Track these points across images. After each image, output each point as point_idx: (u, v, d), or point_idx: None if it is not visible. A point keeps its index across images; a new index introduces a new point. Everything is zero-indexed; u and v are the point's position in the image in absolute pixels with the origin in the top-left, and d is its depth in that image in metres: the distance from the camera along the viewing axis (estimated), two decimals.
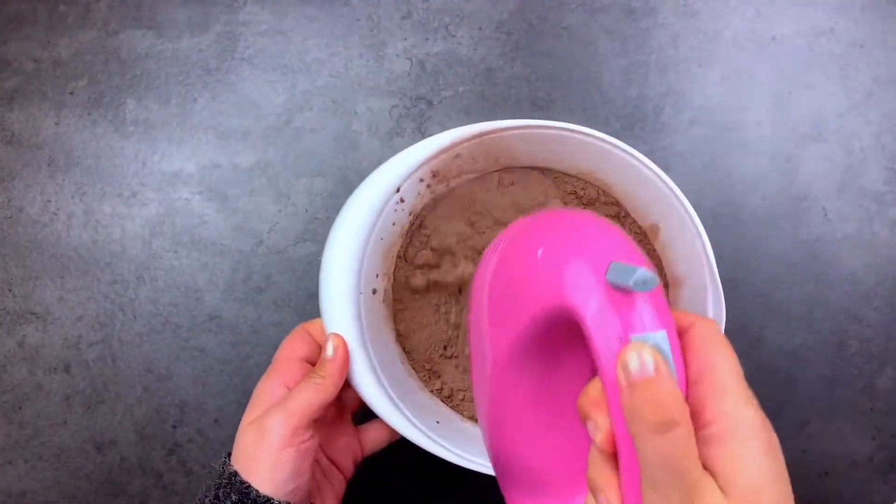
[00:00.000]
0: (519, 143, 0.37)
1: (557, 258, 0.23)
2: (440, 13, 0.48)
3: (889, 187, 0.47)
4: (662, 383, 0.19)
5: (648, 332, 0.20)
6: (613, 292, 0.20)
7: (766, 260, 0.46)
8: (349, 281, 0.34)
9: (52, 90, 0.48)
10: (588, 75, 0.47)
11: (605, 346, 0.20)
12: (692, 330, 0.21)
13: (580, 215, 0.25)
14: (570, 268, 0.22)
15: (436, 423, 0.36)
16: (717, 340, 0.21)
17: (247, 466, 0.31)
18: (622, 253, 0.22)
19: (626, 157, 0.35)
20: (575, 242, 0.23)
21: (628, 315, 0.20)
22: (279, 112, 0.47)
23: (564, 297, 0.21)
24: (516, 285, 0.25)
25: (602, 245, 0.22)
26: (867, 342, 0.46)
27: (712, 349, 0.21)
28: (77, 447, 0.45)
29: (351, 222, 0.35)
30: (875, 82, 0.47)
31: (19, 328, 0.46)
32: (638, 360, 0.19)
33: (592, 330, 0.20)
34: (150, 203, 0.47)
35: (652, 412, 0.19)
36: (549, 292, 0.22)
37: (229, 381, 0.45)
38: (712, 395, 0.20)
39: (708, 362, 0.20)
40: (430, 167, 0.36)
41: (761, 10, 0.48)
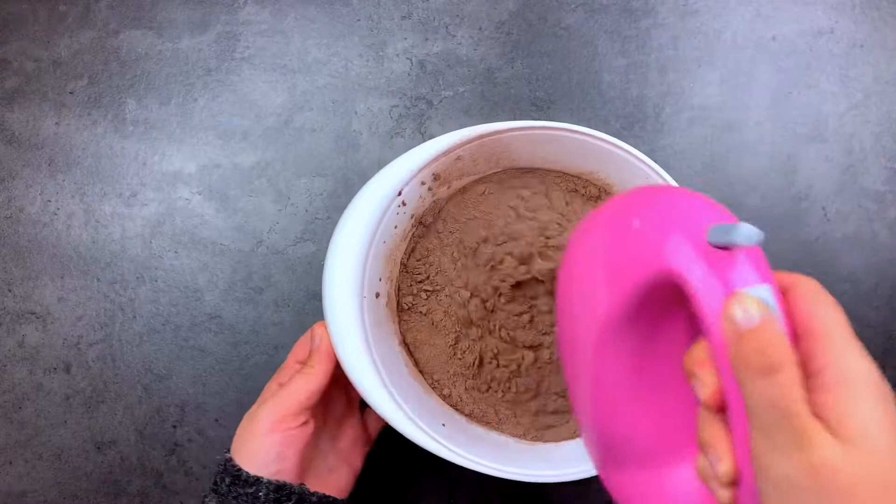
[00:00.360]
0: (520, 145, 0.37)
1: (655, 226, 0.23)
2: (440, 13, 0.48)
3: (889, 187, 0.47)
4: (768, 330, 0.19)
5: (751, 286, 0.20)
6: (714, 253, 0.21)
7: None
8: (352, 285, 0.34)
9: (52, 90, 0.48)
10: (588, 75, 0.47)
11: (710, 304, 0.20)
12: (796, 288, 0.21)
13: (668, 188, 0.26)
14: (669, 233, 0.22)
15: (441, 425, 0.36)
16: (822, 295, 0.21)
17: (237, 450, 0.33)
18: (716, 215, 0.22)
19: (627, 156, 0.35)
20: (670, 209, 0.23)
21: (731, 272, 0.20)
22: (279, 112, 0.47)
23: (666, 262, 0.22)
24: (613, 259, 0.25)
25: (694, 209, 0.23)
26: (867, 342, 0.46)
27: (820, 304, 0.21)
28: (77, 447, 0.45)
29: (353, 226, 0.35)
30: (875, 82, 0.47)
31: (19, 328, 0.46)
32: (743, 311, 0.19)
33: (697, 290, 0.21)
34: (150, 203, 0.47)
35: (758, 357, 0.19)
36: (649, 260, 0.23)
37: (229, 381, 0.45)
38: (822, 346, 0.20)
39: (815, 315, 0.20)
40: (432, 170, 0.36)
41: (761, 10, 0.48)
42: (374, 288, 0.36)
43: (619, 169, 0.37)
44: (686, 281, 0.21)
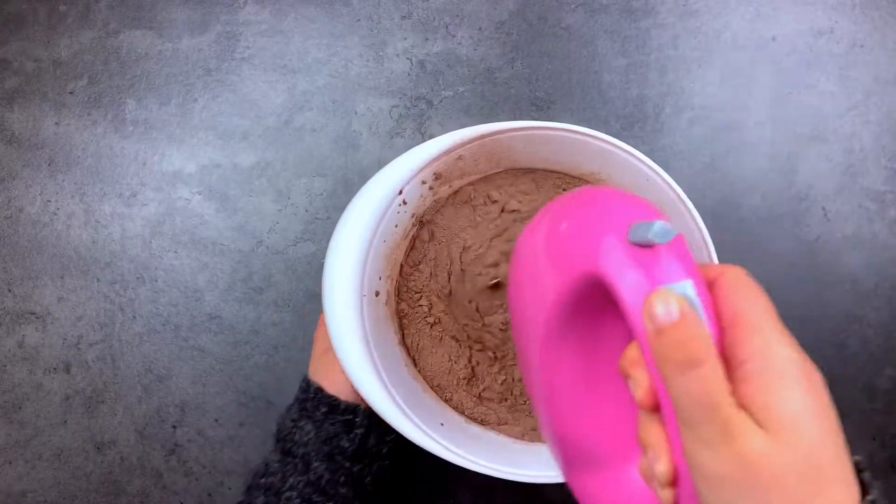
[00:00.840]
0: (521, 145, 0.37)
1: (580, 228, 0.24)
2: (440, 13, 0.48)
3: (889, 187, 0.47)
4: (687, 325, 0.19)
5: (674, 282, 0.20)
6: (637, 251, 0.21)
7: (766, 260, 0.46)
8: (352, 283, 0.34)
9: (52, 90, 0.48)
10: (588, 75, 0.47)
11: (633, 302, 0.20)
12: (721, 278, 0.21)
13: (598, 189, 0.26)
14: (592, 234, 0.23)
15: (440, 424, 0.36)
16: (747, 285, 0.21)
17: (328, 383, 0.35)
18: (640, 214, 0.22)
19: (627, 156, 0.35)
20: (595, 211, 0.24)
21: (652, 269, 0.21)
22: (279, 112, 0.47)
23: (591, 263, 0.22)
24: (546, 262, 0.25)
25: (620, 209, 0.23)
26: (867, 342, 0.46)
27: (743, 293, 0.21)
28: (77, 447, 0.45)
29: (354, 224, 0.35)
30: (875, 82, 0.47)
31: (19, 328, 0.46)
32: (663, 307, 0.20)
33: (620, 289, 0.21)
34: (150, 203, 0.47)
35: (677, 352, 0.19)
36: (577, 262, 0.23)
37: (229, 381, 0.45)
38: (745, 336, 0.20)
39: (739, 306, 0.20)
40: (433, 169, 0.36)
41: (761, 10, 0.48)
42: (374, 286, 0.36)
43: (620, 169, 0.37)
44: (610, 281, 0.21)
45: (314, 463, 0.33)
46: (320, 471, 0.33)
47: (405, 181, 0.35)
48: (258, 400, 0.45)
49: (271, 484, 0.33)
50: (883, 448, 0.46)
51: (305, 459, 0.34)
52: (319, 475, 0.33)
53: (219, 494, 0.44)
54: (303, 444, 0.34)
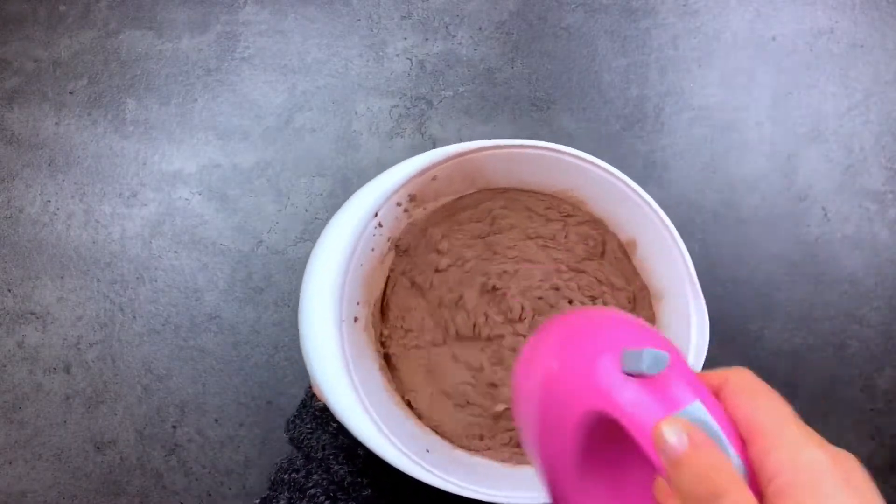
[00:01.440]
0: (495, 164, 0.36)
1: (571, 366, 0.23)
2: (440, 13, 0.48)
3: (889, 187, 0.47)
4: (702, 454, 0.18)
5: (681, 407, 0.19)
6: (634, 381, 0.20)
7: (766, 260, 0.46)
8: (330, 309, 0.33)
9: (52, 90, 0.48)
10: (588, 75, 0.47)
11: (645, 437, 0.19)
12: (727, 385, 0.20)
13: (581, 317, 0.25)
14: (586, 371, 0.22)
15: (425, 451, 0.34)
16: (754, 389, 0.20)
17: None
18: (630, 338, 0.22)
19: (602, 173, 0.35)
20: (582, 343, 0.23)
21: (655, 399, 0.20)
22: (279, 112, 0.47)
23: (591, 401, 0.21)
24: (546, 405, 0.24)
25: (608, 337, 0.22)
26: (867, 342, 0.46)
27: (753, 398, 0.20)
28: (77, 447, 0.45)
29: (330, 249, 0.34)
30: (875, 82, 0.47)
31: (19, 328, 0.46)
32: (672, 437, 0.19)
33: (628, 426, 0.20)
34: (150, 203, 0.47)
35: (697, 486, 0.18)
36: (576, 402, 0.22)
37: (229, 381, 0.45)
38: (768, 447, 0.19)
39: (753, 414, 0.19)
40: (408, 190, 0.36)
41: (761, 10, 0.48)
42: (353, 312, 0.35)
43: (597, 186, 0.36)
44: (616, 417, 0.20)
45: (334, 466, 0.34)
46: (342, 473, 0.33)
47: (380, 203, 0.35)
48: (258, 400, 0.45)
49: (295, 480, 0.33)
50: (883, 448, 0.46)
51: (326, 463, 0.34)
52: (342, 477, 0.33)
53: (219, 494, 0.44)
54: (321, 447, 0.34)
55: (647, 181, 0.47)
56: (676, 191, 0.46)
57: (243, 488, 0.44)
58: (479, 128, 0.47)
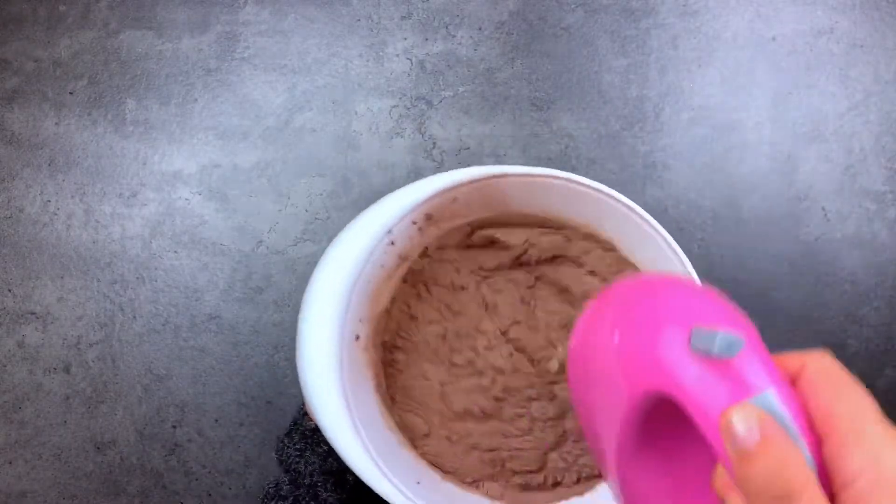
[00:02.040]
0: (518, 191, 0.35)
1: (634, 339, 0.21)
2: (440, 13, 0.48)
3: (889, 187, 0.47)
4: (774, 449, 0.17)
5: (752, 393, 0.18)
6: (703, 361, 0.18)
7: (766, 260, 0.46)
8: (334, 326, 0.32)
9: (52, 90, 0.48)
10: (588, 75, 0.47)
11: (710, 424, 0.18)
12: (804, 372, 0.19)
13: (650, 282, 0.23)
14: (649, 346, 0.20)
15: (416, 483, 0.33)
16: (836, 377, 0.18)
17: None
18: (702, 312, 0.20)
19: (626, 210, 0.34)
20: (648, 314, 0.21)
21: (725, 383, 0.18)
22: (279, 112, 0.47)
23: (653, 380, 0.20)
24: (605, 379, 0.22)
25: (677, 309, 0.20)
26: (867, 342, 0.46)
27: (834, 388, 0.18)
28: (77, 447, 0.45)
29: (340, 263, 0.33)
30: (875, 82, 0.47)
31: (19, 328, 0.46)
32: (742, 426, 0.17)
33: (692, 411, 0.18)
34: (150, 203, 0.47)
35: (767, 484, 0.16)
36: (638, 379, 0.21)
37: (229, 381, 0.45)
38: (847, 445, 0.17)
39: (833, 406, 0.18)
40: (425, 209, 0.34)
41: (761, 10, 0.48)
42: (355, 330, 0.34)
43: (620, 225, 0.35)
44: (679, 400, 0.19)
45: (322, 493, 0.33)
46: (330, 501, 0.33)
47: (396, 221, 0.33)
48: (258, 400, 0.45)
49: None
50: None
51: (314, 490, 0.33)
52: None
53: (219, 494, 0.44)
54: (308, 474, 0.33)
55: (646, 181, 0.47)
56: (676, 191, 0.46)
57: (243, 488, 0.44)
58: (479, 128, 0.47)
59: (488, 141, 0.47)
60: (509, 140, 0.47)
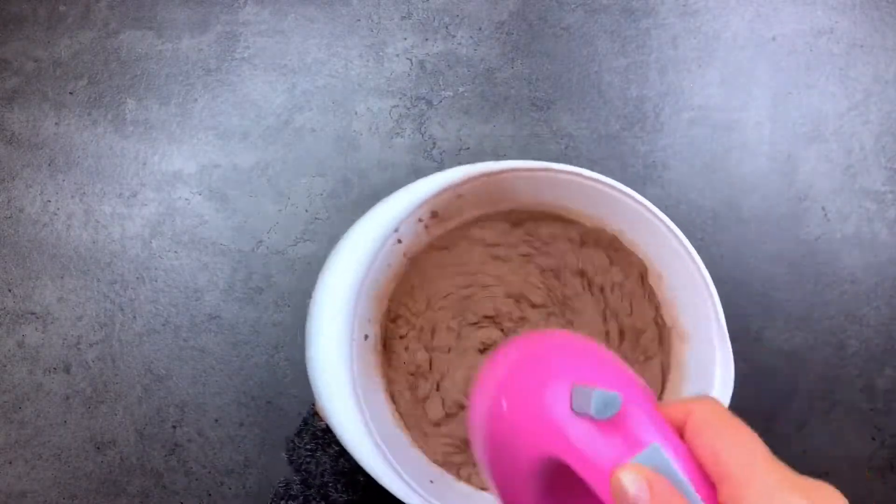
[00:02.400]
0: (523, 185, 0.34)
1: (521, 406, 0.21)
2: (440, 13, 0.48)
3: (889, 187, 0.47)
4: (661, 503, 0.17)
5: (639, 450, 0.18)
6: (586, 422, 0.18)
7: (766, 260, 0.46)
8: (344, 325, 0.32)
9: (52, 90, 0.48)
10: (588, 75, 0.47)
11: (602, 485, 0.18)
12: (691, 420, 0.19)
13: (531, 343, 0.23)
14: (536, 413, 0.20)
15: (429, 481, 0.33)
16: (720, 421, 0.18)
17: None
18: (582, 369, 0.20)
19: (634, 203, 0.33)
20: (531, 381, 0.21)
21: (610, 442, 0.18)
22: (279, 112, 0.47)
23: (544, 446, 0.20)
24: (501, 442, 0.22)
25: (559, 373, 0.20)
26: (867, 342, 0.46)
27: (718, 438, 0.18)
28: (77, 447, 0.45)
29: (347, 262, 0.33)
30: (875, 82, 0.47)
31: (19, 328, 0.46)
32: (631, 486, 0.17)
33: (583, 473, 0.18)
34: (150, 203, 0.47)
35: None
36: (529, 444, 0.21)
37: (229, 381, 0.45)
38: (738, 490, 0.17)
39: (722, 453, 0.18)
40: (431, 206, 0.34)
41: (761, 10, 0.48)
42: (364, 329, 0.34)
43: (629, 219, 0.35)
44: (570, 463, 0.19)
45: (333, 494, 0.33)
46: (341, 501, 0.33)
47: (403, 218, 0.33)
48: (258, 400, 0.45)
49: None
50: (883, 448, 0.46)
51: (324, 490, 0.33)
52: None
53: (219, 494, 0.44)
54: (319, 474, 0.33)
55: (646, 181, 0.47)
56: (676, 191, 0.46)
57: (243, 488, 0.44)
58: (479, 128, 0.47)
59: (488, 141, 0.47)
60: (509, 140, 0.47)
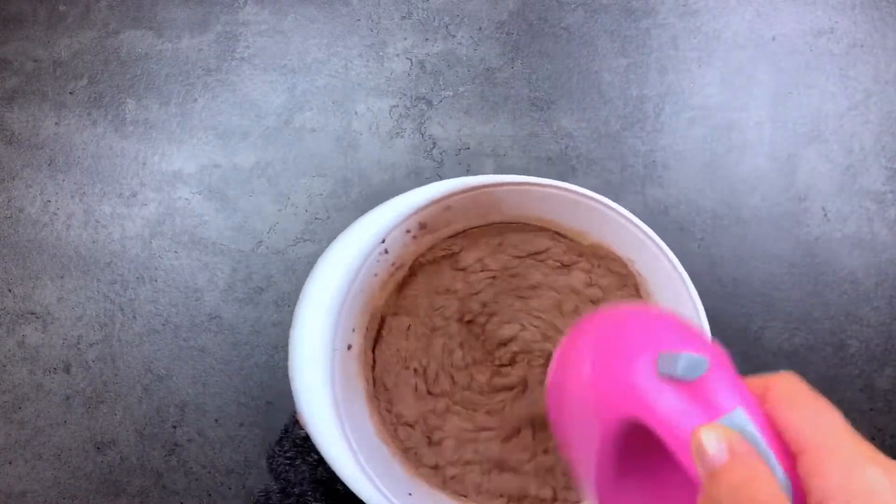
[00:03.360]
0: (511, 198, 0.35)
1: (604, 370, 0.22)
2: (440, 13, 0.48)
3: (889, 187, 0.47)
4: (740, 465, 0.17)
5: (721, 414, 0.18)
6: (671, 385, 0.19)
7: (766, 260, 0.46)
8: (325, 337, 0.32)
9: (52, 90, 0.48)
10: (588, 75, 0.47)
11: (681, 447, 0.18)
12: (771, 392, 0.19)
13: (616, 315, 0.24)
14: (620, 375, 0.21)
15: (408, 494, 0.32)
16: (803, 395, 0.18)
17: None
18: (667, 338, 0.21)
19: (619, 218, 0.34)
20: (616, 347, 0.22)
21: (693, 406, 0.18)
22: (279, 112, 0.47)
23: (626, 408, 0.20)
24: (581, 408, 0.23)
25: (644, 337, 0.21)
26: (867, 342, 0.46)
27: (800, 410, 0.18)
28: (77, 447, 0.45)
29: (332, 272, 0.33)
30: (875, 82, 0.47)
31: (19, 328, 0.46)
32: (711, 444, 0.17)
33: (663, 434, 0.19)
34: (150, 203, 0.47)
35: (734, 501, 0.16)
36: (610, 408, 0.21)
37: (229, 381, 0.45)
38: (819, 463, 0.17)
39: (802, 425, 0.18)
40: (419, 218, 0.34)
41: (761, 10, 0.48)
42: (347, 339, 0.34)
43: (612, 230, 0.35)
44: (651, 425, 0.19)
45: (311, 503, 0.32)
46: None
47: (389, 229, 0.33)
48: (258, 400, 0.45)
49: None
50: (883, 448, 0.45)
51: (302, 499, 0.32)
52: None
53: (219, 494, 0.44)
54: (298, 482, 0.33)
55: (646, 181, 0.47)
56: (676, 191, 0.46)
57: (243, 488, 0.44)
58: (479, 128, 0.47)
59: (488, 141, 0.47)
60: (509, 140, 0.47)
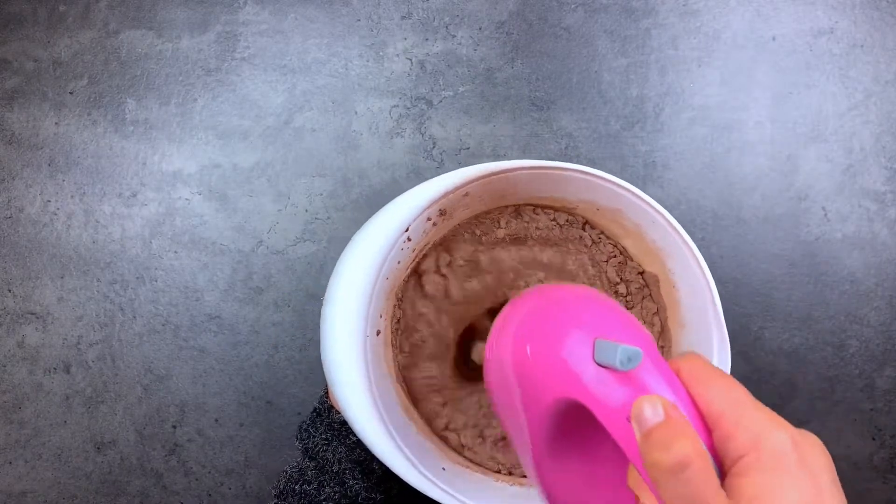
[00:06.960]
0: (527, 182, 0.36)
1: (544, 351, 0.23)
2: (440, 13, 0.48)
3: (889, 187, 0.47)
4: (672, 423, 0.19)
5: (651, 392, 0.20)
6: (605, 372, 0.21)
7: (766, 260, 0.46)
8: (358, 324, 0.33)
9: (52, 90, 0.48)
10: (588, 75, 0.47)
11: (616, 425, 0.20)
12: (682, 374, 0.21)
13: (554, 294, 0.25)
14: (558, 358, 0.22)
15: (441, 469, 0.34)
16: (708, 375, 0.21)
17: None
18: (605, 324, 0.22)
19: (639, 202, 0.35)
20: (555, 329, 0.23)
21: (627, 389, 0.20)
22: (279, 112, 0.47)
23: (564, 389, 0.21)
24: (519, 386, 0.24)
25: (583, 324, 0.22)
26: (867, 342, 0.46)
27: (708, 387, 0.20)
28: (77, 447, 0.45)
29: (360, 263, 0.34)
30: (875, 82, 0.47)
31: (19, 328, 0.46)
32: (650, 409, 0.19)
33: (599, 415, 0.20)
34: (150, 203, 0.47)
35: (665, 455, 0.19)
36: (548, 387, 0.22)
37: (229, 381, 0.45)
38: (729, 433, 0.19)
39: (710, 402, 0.20)
40: (439, 206, 0.36)
41: (761, 10, 0.48)
42: (376, 325, 0.36)
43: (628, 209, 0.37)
44: (588, 405, 0.21)
45: (349, 481, 0.33)
46: (357, 488, 0.33)
47: (412, 218, 0.35)
48: (258, 400, 0.45)
49: (306, 492, 0.33)
50: (883, 448, 0.45)
51: (340, 477, 0.34)
52: (356, 492, 0.33)
53: (219, 494, 0.44)
54: (336, 461, 0.34)
55: (647, 181, 0.47)
56: (676, 191, 0.46)
57: (243, 488, 0.44)
58: (479, 128, 0.47)
59: (488, 141, 0.47)
60: (509, 140, 0.47)
